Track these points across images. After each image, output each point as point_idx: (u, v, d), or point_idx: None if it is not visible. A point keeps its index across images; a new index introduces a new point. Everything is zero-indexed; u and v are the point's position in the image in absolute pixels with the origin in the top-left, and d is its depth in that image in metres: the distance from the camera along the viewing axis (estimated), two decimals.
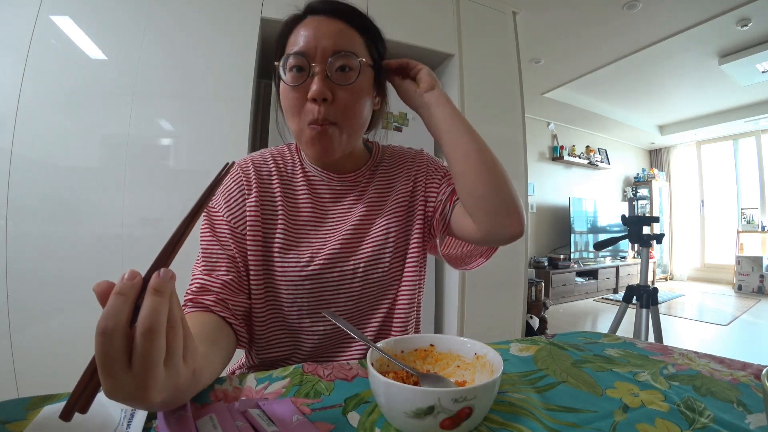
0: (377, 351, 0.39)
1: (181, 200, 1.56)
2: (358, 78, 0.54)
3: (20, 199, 1.39)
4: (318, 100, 0.52)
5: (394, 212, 0.63)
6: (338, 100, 0.53)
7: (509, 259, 2.13)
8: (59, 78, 1.46)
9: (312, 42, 0.53)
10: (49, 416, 0.32)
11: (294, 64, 0.53)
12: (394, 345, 0.43)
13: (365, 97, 0.57)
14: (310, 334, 0.59)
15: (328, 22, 0.54)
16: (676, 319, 3.53)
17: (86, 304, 1.52)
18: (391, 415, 0.33)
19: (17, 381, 1.36)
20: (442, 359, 0.43)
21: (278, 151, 0.66)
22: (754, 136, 5.09)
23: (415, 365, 0.43)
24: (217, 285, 0.53)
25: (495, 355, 0.39)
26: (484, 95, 2.13)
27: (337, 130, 0.55)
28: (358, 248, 0.60)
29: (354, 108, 0.55)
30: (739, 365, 0.49)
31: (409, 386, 0.31)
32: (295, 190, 0.62)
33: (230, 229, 0.57)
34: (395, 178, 0.66)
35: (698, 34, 2.72)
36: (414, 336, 0.43)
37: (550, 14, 2.52)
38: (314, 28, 0.54)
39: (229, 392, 0.40)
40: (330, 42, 0.53)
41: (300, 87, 0.53)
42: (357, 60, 0.54)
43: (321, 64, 0.53)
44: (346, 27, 0.55)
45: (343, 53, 0.53)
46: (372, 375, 0.34)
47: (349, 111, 0.55)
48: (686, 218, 5.84)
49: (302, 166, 0.64)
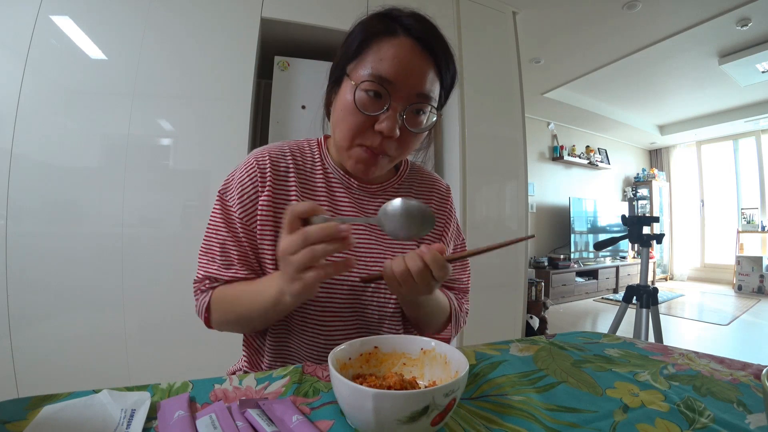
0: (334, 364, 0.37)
1: (181, 200, 1.56)
2: (426, 124, 0.55)
3: (20, 199, 1.39)
4: (386, 136, 0.52)
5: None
6: (401, 138, 0.53)
7: (509, 259, 2.13)
8: (59, 78, 1.46)
9: (401, 76, 0.51)
10: (49, 416, 0.32)
11: (373, 90, 0.51)
12: (343, 355, 0.40)
13: (422, 137, 0.59)
14: (312, 340, 0.58)
15: (421, 56, 0.52)
16: (676, 319, 3.53)
17: (86, 304, 1.54)
18: (380, 425, 0.31)
19: (17, 381, 1.36)
20: (387, 359, 0.43)
21: (297, 145, 0.64)
22: (754, 136, 5.08)
23: (361, 369, 0.41)
24: (236, 280, 0.57)
25: (442, 346, 0.41)
26: (484, 95, 2.12)
27: (387, 160, 0.56)
28: (370, 265, 0.59)
29: (411, 148, 0.57)
30: (739, 365, 0.49)
31: (405, 392, 0.31)
32: (314, 189, 0.61)
33: (242, 225, 0.57)
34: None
35: (698, 34, 2.72)
36: (358, 340, 0.42)
37: (550, 14, 2.52)
38: (407, 58, 0.51)
39: (229, 392, 0.40)
40: (420, 84, 0.52)
41: (371, 116, 0.52)
42: (434, 114, 0.55)
43: (402, 104, 0.52)
44: (435, 69, 0.54)
45: (425, 101, 0.53)
46: (355, 390, 0.31)
47: (405, 149, 0.56)
48: (686, 218, 5.83)
49: (323, 164, 0.62)
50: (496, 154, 2.14)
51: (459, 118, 2.01)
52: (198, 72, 1.61)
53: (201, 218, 0.56)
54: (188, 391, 0.39)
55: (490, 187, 2.12)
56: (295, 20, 1.77)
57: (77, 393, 0.37)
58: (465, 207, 1.99)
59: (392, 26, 0.52)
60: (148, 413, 0.34)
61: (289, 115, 1.79)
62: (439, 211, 0.68)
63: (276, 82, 1.78)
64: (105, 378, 1.43)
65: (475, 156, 2.04)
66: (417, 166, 0.71)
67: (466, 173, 2.01)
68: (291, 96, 1.78)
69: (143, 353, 1.49)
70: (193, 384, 0.41)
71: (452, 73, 0.59)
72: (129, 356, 1.47)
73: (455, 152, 2.01)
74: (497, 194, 2.15)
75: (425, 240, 0.64)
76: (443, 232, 0.67)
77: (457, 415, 0.36)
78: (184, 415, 0.33)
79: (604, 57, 3.17)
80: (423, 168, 0.72)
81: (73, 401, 0.35)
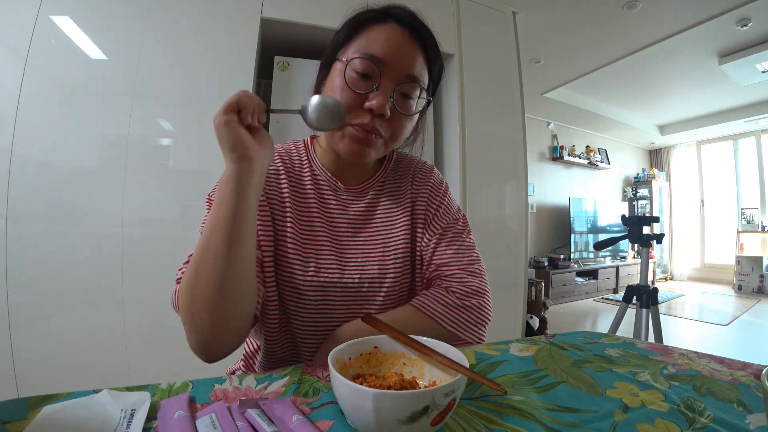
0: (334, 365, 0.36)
1: (181, 200, 1.56)
2: (414, 110, 0.56)
3: (20, 199, 1.39)
4: (376, 114, 0.51)
5: (400, 232, 0.62)
6: (392, 120, 0.54)
7: (509, 259, 2.13)
8: (59, 78, 1.46)
9: (392, 56, 0.52)
10: (49, 416, 0.32)
11: (363, 70, 0.52)
12: (343, 355, 0.40)
13: (412, 124, 0.59)
14: (307, 342, 0.58)
15: (411, 42, 0.53)
16: (676, 319, 3.53)
17: (86, 304, 1.53)
18: (380, 425, 0.31)
19: (17, 381, 1.36)
20: (387, 359, 0.43)
21: (284, 148, 0.64)
22: (754, 136, 5.08)
23: (361, 369, 0.41)
24: None
25: (442, 346, 0.40)
26: (484, 95, 2.12)
27: (381, 142, 0.55)
28: (364, 266, 0.59)
29: (402, 132, 0.57)
30: (739, 365, 0.49)
31: (405, 392, 0.31)
32: (304, 191, 0.61)
33: None
34: (402, 194, 0.65)
35: (698, 34, 2.72)
36: (358, 340, 0.42)
37: (550, 14, 2.52)
38: (397, 41, 0.53)
39: (229, 392, 0.40)
40: (409, 65, 0.53)
41: (360, 94, 0.52)
42: (422, 97, 0.55)
43: (392, 84, 0.52)
44: (422, 56, 0.55)
45: (414, 83, 0.53)
46: (355, 390, 0.31)
47: (397, 133, 0.56)
48: (686, 218, 5.84)
49: (311, 167, 0.63)
50: (496, 154, 2.14)
51: (459, 118, 2.01)
52: (198, 72, 1.61)
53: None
54: (188, 391, 0.39)
55: (490, 187, 2.12)
56: (295, 20, 1.77)
57: (77, 393, 0.37)
58: (465, 207, 1.98)
59: (382, 14, 0.54)
60: (148, 413, 0.34)
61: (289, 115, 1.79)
62: (420, 189, 0.65)
63: (276, 82, 1.78)
64: (105, 378, 1.43)
65: (475, 156, 2.04)
66: (402, 156, 0.70)
67: (466, 173, 2.01)
68: (291, 96, 1.78)
69: (143, 353, 1.49)
70: (193, 384, 0.40)
71: (440, 67, 0.59)
72: (129, 356, 1.47)
73: (455, 152, 2.01)
74: (497, 194, 2.15)
75: (418, 221, 0.63)
76: (426, 209, 0.64)
77: (457, 415, 0.36)
78: (184, 415, 0.33)
79: (604, 57, 3.17)
80: (405, 155, 0.71)
81: (73, 401, 0.35)
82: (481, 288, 0.58)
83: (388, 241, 0.61)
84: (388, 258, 0.60)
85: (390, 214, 0.63)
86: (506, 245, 2.13)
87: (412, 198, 0.65)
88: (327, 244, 0.59)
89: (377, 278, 0.59)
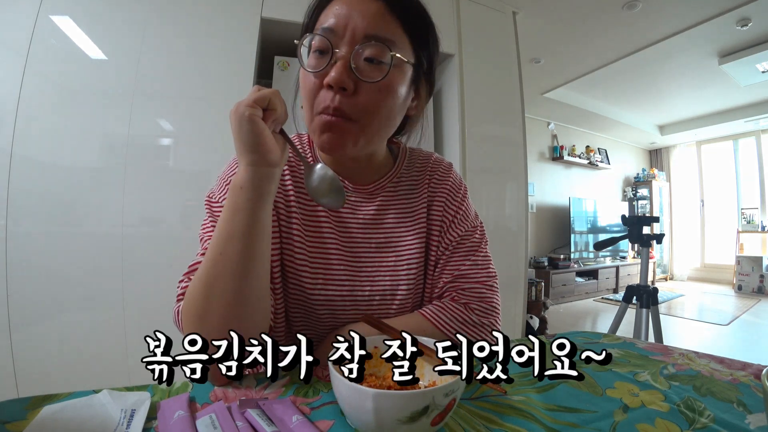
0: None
1: (181, 200, 1.56)
2: (388, 75, 0.45)
3: (20, 199, 1.39)
4: (335, 88, 0.44)
5: (414, 238, 0.57)
6: (361, 94, 0.45)
7: (509, 259, 2.13)
8: (59, 78, 1.46)
9: (341, 21, 0.45)
10: (49, 416, 0.32)
11: (317, 47, 0.46)
12: None
13: (395, 98, 0.48)
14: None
15: (367, 2, 0.46)
16: (676, 319, 3.53)
17: (86, 304, 1.53)
18: (380, 425, 0.31)
19: (17, 381, 1.36)
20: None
21: None
22: (754, 136, 5.08)
23: None
24: None
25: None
26: (484, 95, 2.12)
27: (355, 128, 0.47)
28: (374, 277, 0.55)
29: (378, 108, 0.47)
30: (739, 365, 0.49)
31: (405, 392, 0.30)
32: None
33: None
34: (416, 196, 0.59)
35: (698, 34, 2.72)
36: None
37: (550, 14, 2.52)
38: (347, 5, 0.46)
39: (229, 392, 0.40)
40: (362, 24, 0.45)
41: (319, 73, 0.45)
42: (389, 53, 0.45)
43: (347, 48, 0.45)
44: (386, 10, 0.46)
45: (374, 41, 0.45)
46: (355, 390, 0.31)
47: (372, 110, 0.47)
48: (686, 218, 5.84)
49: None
50: (496, 154, 2.14)
51: (459, 118, 2.01)
52: (198, 72, 1.61)
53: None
54: (188, 391, 0.39)
55: (490, 187, 2.12)
56: (295, 20, 1.76)
57: (77, 393, 0.37)
58: None
59: None
60: (148, 413, 0.34)
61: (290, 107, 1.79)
62: (437, 191, 0.60)
63: (276, 82, 1.78)
64: (105, 378, 1.43)
65: (475, 156, 2.04)
66: (418, 153, 0.64)
67: (466, 173, 2.01)
68: (291, 96, 1.78)
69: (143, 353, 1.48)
70: (193, 384, 0.40)
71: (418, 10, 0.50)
72: (129, 356, 1.47)
73: (455, 152, 2.01)
74: (497, 194, 2.15)
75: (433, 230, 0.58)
76: (443, 214, 0.59)
77: (457, 415, 0.36)
78: (184, 415, 0.33)
79: (604, 57, 3.17)
80: (419, 151, 0.65)
81: (73, 401, 0.35)
82: (497, 305, 0.56)
83: (401, 249, 0.56)
84: (401, 267, 0.55)
85: (403, 218, 0.58)
86: (506, 245, 2.13)
87: (428, 200, 0.59)
88: (336, 252, 0.54)
89: (389, 290, 0.55)
